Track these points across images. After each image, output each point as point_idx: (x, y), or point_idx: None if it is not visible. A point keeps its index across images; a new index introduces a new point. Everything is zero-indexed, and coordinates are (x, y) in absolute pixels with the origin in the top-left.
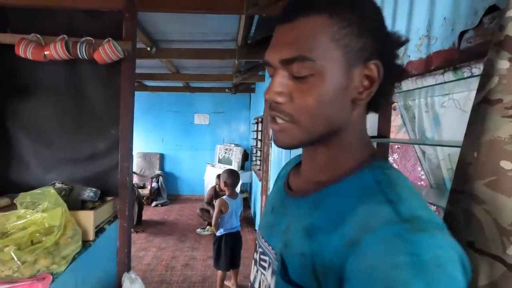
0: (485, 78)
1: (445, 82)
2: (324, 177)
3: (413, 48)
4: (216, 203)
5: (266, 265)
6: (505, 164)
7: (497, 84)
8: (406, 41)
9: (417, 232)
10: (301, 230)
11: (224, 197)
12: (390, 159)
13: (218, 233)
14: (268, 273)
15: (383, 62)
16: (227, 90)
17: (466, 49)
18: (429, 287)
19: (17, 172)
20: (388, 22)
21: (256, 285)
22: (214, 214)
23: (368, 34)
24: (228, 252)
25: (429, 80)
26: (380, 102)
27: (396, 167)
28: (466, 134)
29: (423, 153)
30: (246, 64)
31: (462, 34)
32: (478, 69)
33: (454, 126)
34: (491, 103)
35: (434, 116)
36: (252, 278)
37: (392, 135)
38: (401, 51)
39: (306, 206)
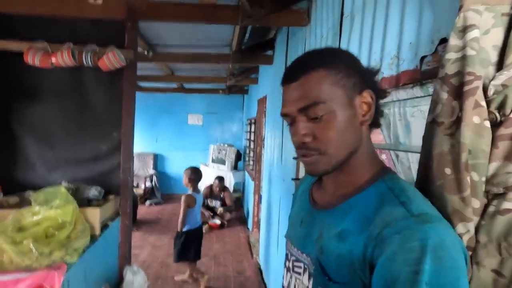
0: (433, 103)
1: (413, 98)
2: (347, 190)
3: (386, 66)
4: (183, 198)
5: (301, 270)
6: (447, 171)
7: (441, 110)
8: (378, 70)
9: (424, 223)
10: (334, 236)
11: (190, 192)
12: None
13: (184, 229)
14: (305, 277)
15: (371, 89)
16: (220, 91)
17: (426, 71)
18: (434, 263)
19: (23, 172)
20: (366, 43)
21: None
22: (182, 210)
23: (355, 74)
24: (195, 245)
25: (402, 93)
26: (378, 119)
27: None
28: (422, 145)
29: (397, 156)
30: (240, 67)
31: (422, 58)
32: None
33: (422, 133)
34: (438, 124)
35: (406, 124)
36: (286, 283)
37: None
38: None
39: (334, 216)
